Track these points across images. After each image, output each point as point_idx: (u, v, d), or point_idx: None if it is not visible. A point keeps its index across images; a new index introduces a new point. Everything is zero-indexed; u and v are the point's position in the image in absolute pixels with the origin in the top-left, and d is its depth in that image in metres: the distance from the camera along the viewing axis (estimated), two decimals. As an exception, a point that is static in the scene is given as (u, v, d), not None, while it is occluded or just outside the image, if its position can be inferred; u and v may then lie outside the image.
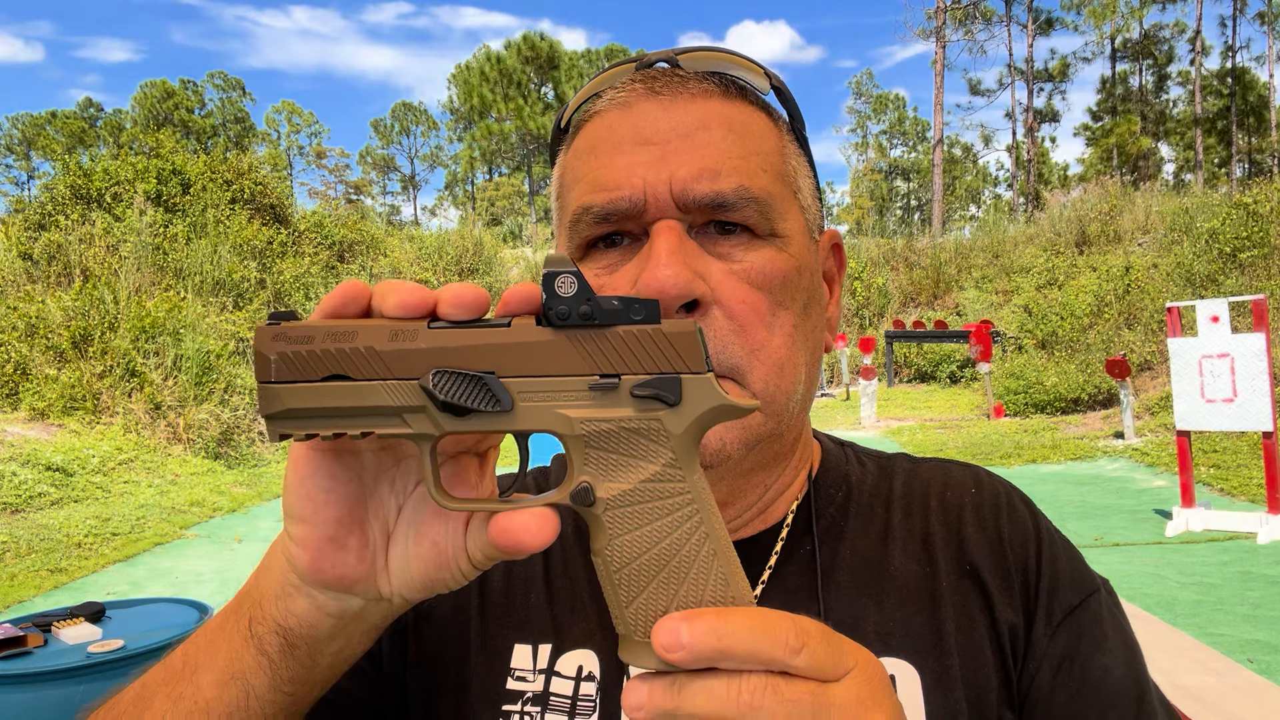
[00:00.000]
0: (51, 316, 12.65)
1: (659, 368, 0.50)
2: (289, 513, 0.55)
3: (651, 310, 0.50)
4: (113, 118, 56.40)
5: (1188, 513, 7.19)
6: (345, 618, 0.57)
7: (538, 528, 0.50)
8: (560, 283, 0.49)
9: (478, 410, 0.49)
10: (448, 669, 0.78)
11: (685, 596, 0.50)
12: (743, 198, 0.70)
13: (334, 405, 0.50)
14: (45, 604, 6.20)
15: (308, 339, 0.50)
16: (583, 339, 0.50)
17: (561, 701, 0.73)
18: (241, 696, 0.57)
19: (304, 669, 0.58)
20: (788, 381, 0.72)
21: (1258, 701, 3.99)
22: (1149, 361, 14.63)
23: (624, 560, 0.50)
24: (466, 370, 0.50)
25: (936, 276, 21.92)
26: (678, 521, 0.50)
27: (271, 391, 0.50)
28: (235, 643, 0.58)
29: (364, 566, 0.55)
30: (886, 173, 59.61)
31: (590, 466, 0.50)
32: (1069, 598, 0.76)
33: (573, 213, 0.74)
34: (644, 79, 0.75)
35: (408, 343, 0.50)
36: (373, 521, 0.57)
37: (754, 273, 0.71)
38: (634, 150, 0.71)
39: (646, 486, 0.50)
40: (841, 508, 0.81)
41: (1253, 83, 44.15)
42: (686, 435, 0.50)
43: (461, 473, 0.58)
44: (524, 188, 55.16)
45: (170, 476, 10.62)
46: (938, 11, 38.20)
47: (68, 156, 21.09)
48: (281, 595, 0.57)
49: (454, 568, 0.56)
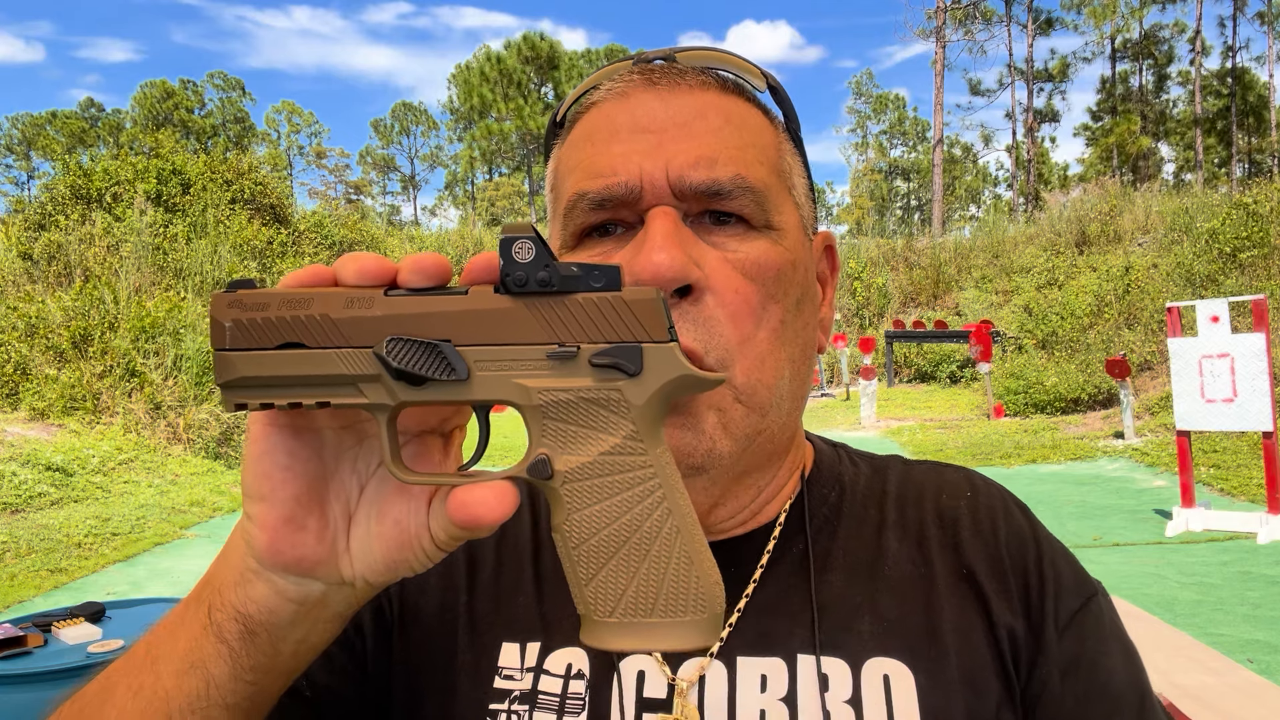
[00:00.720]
0: (51, 316, 12.65)
1: (620, 336, 0.48)
2: (247, 492, 0.54)
3: (612, 277, 0.48)
4: (113, 118, 56.40)
5: (1188, 513, 7.19)
6: (307, 603, 0.55)
7: (495, 501, 0.49)
8: (518, 248, 0.47)
9: (433, 379, 0.48)
10: (434, 668, 0.76)
11: (646, 574, 0.48)
12: (739, 187, 0.70)
13: (288, 373, 0.49)
14: (45, 604, 6.20)
15: (263, 306, 0.49)
16: (541, 306, 0.48)
17: (550, 700, 0.72)
18: (201, 685, 0.56)
19: (266, 657, 0.56)
20: (768, 375, 0.71)
21: (1257, 701, 3.99)
22: (1149, 361, 14.63)
23: (582, 536, 0.49)
24: (422, 338, 0.48)
25: (936, 276, 21.92)
26: (639, 496, 0.48)
27: (226, 359, 0.49)
28: (194, 631, 0.57)
29: (324, 548, 0.54)
30: (886, 173, 59.59)
31: (548, 438, 0.49)
32: (1071, 601, 0.76)
33: (567, 200, 0.73)
34: (642, 72, 0.75)
35: (363, 310, 0.48)
36: (333, 502, 0.55)
37: (748, 263, 0.70)
38: (631, 138, 0.71)
39: (606, 459, 0.48)
40: (835, 507, 0.81)
41: (1253, 83, 44.14)
42: (648, 407, 0.48)
43: (426, 452, 0.57)
44: (524, 188, 55.15)
45: (170, 476, 10.62)
46: (938, 11, 38.18)
47: (68, 156, 21.10)
48: (240, 581, 0.55)
49: (417, 547, 0.54)
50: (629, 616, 0.49)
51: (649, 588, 0.49)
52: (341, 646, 0.76)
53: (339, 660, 0.76)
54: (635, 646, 0.49)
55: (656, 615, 0.49)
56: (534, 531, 0.82)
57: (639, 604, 0.49)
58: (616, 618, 0.49)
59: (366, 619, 0.78)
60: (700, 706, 0.71)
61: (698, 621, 0.49)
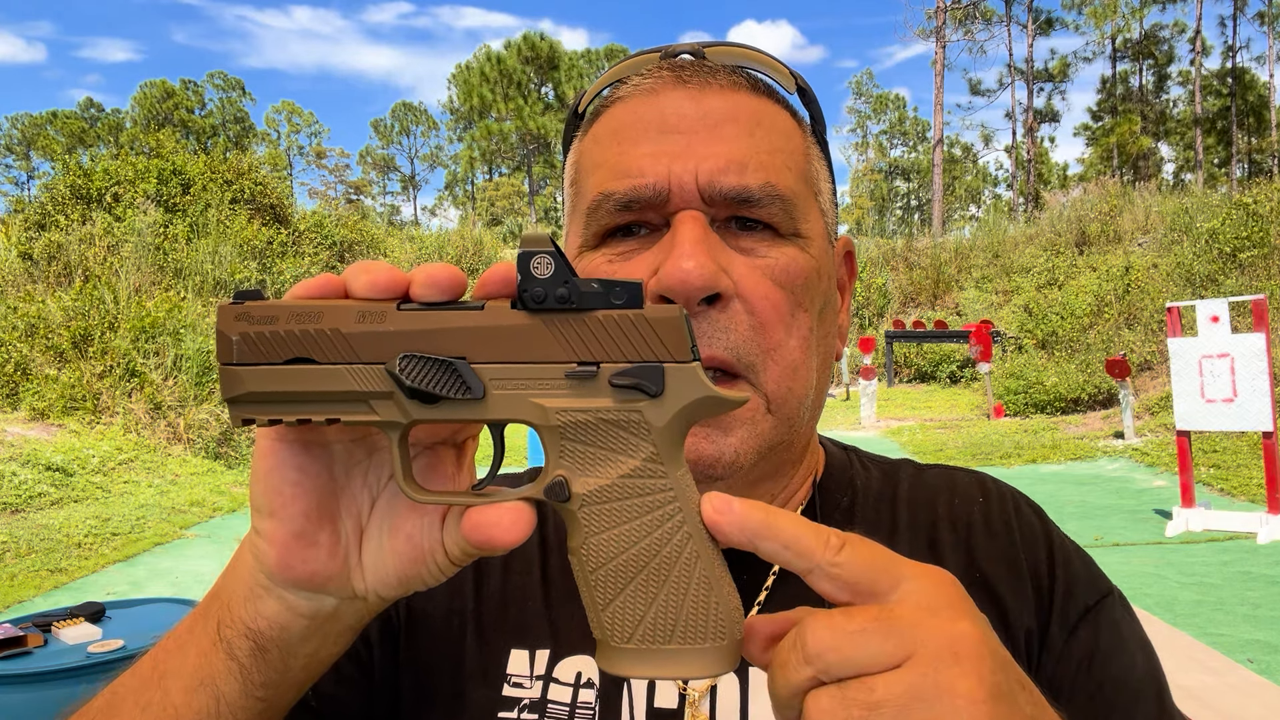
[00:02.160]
0: (51, 316, 12.65)
1: (641, 355, 0.47)
2: (256, 507, 0.53)
3: (634, 294, 0.47)
4: (113, 118, 56.41)
5: (1188, 513, 7.19)
6: (318, 618, 0.54)
7: (511, 523, 0.48)
8: (536, 263, 0.46)
9: (447, 398, 0.47)
10: (441, 676, 0.75)
11: (665, 600, 0.47)
12: (768, 194, 0.68)
13: (298, 389, 0.48)
14: (45, 604, 6.20)
15: (271, 319, 0.48)
16: (560, 324, 0.47)
17: (560, 708, 0.71)
18: (211, 703, 0.55)
19: (276, 673, 0.55)
20: (800, 385, 0.70)
21: (1257, 701, 3.99)
22: (1149, 361, 14.63)
23: (600, 560, 0.48)
24: (436, 355, 0.47)
25: (936, 276, 21.92)
26: (658, 520, 0.47)
27: (233, 374, 0.48)
28: (203, 647, 0.56)
29: (336, 563, 0.53)
30: (886, 173, 59.59)
31: (566, 460, 0.47)
32: (1084, 599, 0.75)
33: (591, 199, 0.71)
34: (671, 67, 0.73)
35: (375, 325, 0.47)
36: (344, 516, 0.54)
37: (777, 270, 0.69)
38: (659, 138, 0.69)
39: (625, 482, 0.47)
40: (847, 512, 0.80)
41: (1253, 83, 44.13)
42: (669, 429, 0.47)
43: (438, 464, 0.56)
44: (524, 188, 55.15)
45: (170, 476, 10.61)
46: (938, 11, 38.18)
47: (68, 156, 21.09)
48: (250, 597, 0.54)
49: (430, 563, 0.53)
50: (647, 643, 0.48)
51: (668, 614, 0.47)
52: (349, 657, 0.74)
53: (346, 670, 0.74)
54: (653, 674, 0.48)
55: (675, 642, 0.47)
56: (541, 537, 0.81)
57: (657, 630, 0.48)
58: (634, 644, 0.48)
59: (373, 628, 0.76)
60: (712, 716, 0.70)
61: (717, 648, 0.48)
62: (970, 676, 0.41)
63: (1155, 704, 0.72)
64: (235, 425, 0.49)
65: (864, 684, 0.41)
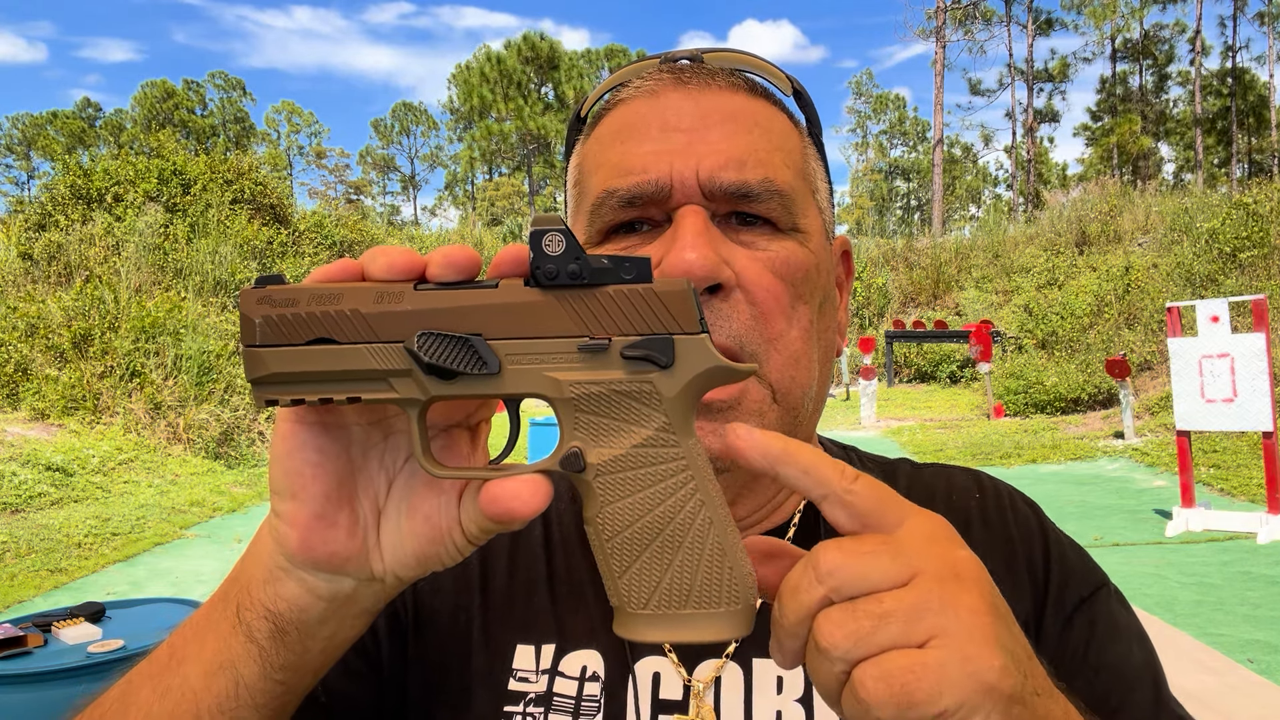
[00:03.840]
0: (52, 316, 12.65)
1: (651, 328, 0.48)
2: (276, 489, 0.54)
3: (643, 269, 0.48)
4: (113, 118, 56.42)
5: (1188, 513, 7.19)
6: (337, 600, 0.55)
7: (530, 494, 0.49)
8: (548, 241, 0.48)
9: (464, 373, 0.48)
10: (448, 670, 0.76)
11: (680, 566, 0.49)
12: (767, 190, 0.70)
13: (319, 369, 0.49)
14: (45, 604, 6.20)
15: (293, 302, 0.49)
16: (571, 299, 0.48)
17: (565, 702, 0.72)
18: (231, 686, 0.56)
19: (296, 656, 0.56)
20: (803, 376, 0.72)
21: (1257, 701, 3.99)
22: (1149, 361, 14.63)
23: (616, 528, 0.49)
24: (453, 332, 0.48)
25: (936, 276, 21.92)
26: (672, 489, 0.49)
27: (256, 355, 0.49)
28: (223, 631, 0.56)
29: (355, 543, 0.54)
30: (886, 173, 59.60)
31: (580, 431, 0.49)
32: (1079, 589, 0.76)
33: (596, 197, 0.73)
34: (671, 71, 0.75)
35: (393, 304, 0.49)
36: (362, 498, 0.55)
37: (778, 262, 0.71)
38: (661, 137, 0.71)
39: (638, 452, 0.49)
40: None
41: (1253, 83, 44.15)
42: (680, 399, 0.48)
43: (453, 445, 0.57)
44: (524, 188, 55.15)
45: (170, 476, 10.62)
46: (938, 11, 38.18)
47: (68, 156, 21.10)
48: (270, 579, 0.55)
49: (448, 542, 0.54)
50: (663, 608, 0.49)
51: (683, 579, 0.49)
52: (357, 652, 0.75)
53: (354, 665, 0.75)
54: (669, 638, 0.49)
55: (690, 607, 0.49)
56: (546, 533, 0.82)
57: (673, 596, 0.49)
58: (651, 609, 0.49)
59: (381, 623, 0.77)
60: (716, 708, 0.71)
61: (732, 613, 0.49)
62: (972, 592, 0.45)
63: (1151, 692, 0.73)
64: (258, 406, 0.51)
65: (873, 598, 0.44)
